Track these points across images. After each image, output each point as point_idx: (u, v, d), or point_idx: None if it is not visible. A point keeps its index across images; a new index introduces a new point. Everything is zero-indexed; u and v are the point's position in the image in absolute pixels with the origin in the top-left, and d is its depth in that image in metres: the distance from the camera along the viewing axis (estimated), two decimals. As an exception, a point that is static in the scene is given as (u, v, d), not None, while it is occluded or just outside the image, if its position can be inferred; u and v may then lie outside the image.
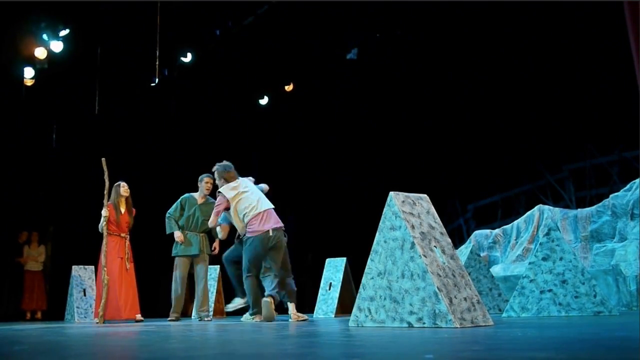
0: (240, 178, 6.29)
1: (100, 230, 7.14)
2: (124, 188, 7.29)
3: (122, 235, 7.22)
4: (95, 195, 10.15)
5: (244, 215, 5.99)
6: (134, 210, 7.42)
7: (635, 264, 7.20)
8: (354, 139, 13.39)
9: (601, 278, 7.48)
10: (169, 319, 7.13)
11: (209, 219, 6.51)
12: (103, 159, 7.05)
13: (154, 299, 10.25)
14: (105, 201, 7.07)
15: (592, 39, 9.98)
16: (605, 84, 10.07)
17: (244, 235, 6.06)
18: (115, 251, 7.11)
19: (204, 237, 7.20)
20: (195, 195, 7.25)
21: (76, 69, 10.33)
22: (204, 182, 7.19)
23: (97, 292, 7.20)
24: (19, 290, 10.28)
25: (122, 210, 7.26)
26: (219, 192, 6.20)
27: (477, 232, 10.34)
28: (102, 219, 7.08)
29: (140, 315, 7.09)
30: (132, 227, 7.36)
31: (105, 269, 6.97)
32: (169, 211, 7.23)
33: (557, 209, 9.22)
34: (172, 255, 7.18)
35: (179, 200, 7.26)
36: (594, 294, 5.19)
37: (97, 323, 6.67)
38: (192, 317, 8.27)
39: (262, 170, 13.20)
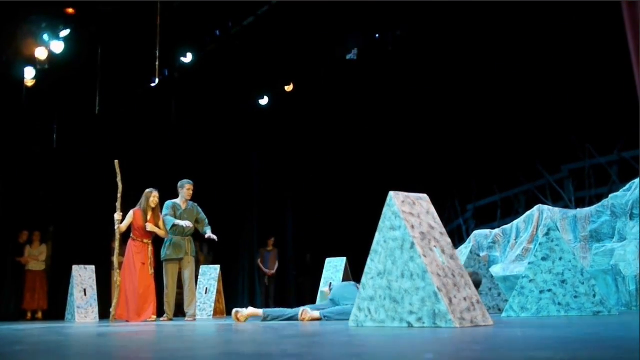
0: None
1: (117, 232, 7.23)
2: (153, 198, 7.36)
3: (145, 241, 7.31)
4: (95, 195, 10.20)
5: None
6: (160, 215, 7.50)
7: (634, 264, 7.20)
8: (354, 139, 13.39)
9: (600, 278, 7.48)
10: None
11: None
12: (116, 162, 7.04)
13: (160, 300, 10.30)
14: (118, 204, 7.10)
15: (591, 39, 9.98)
16: (605, 84, 10.07)
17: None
18: (136, 256, 7.20)
19: (189, 241, 7.40)
20: (178, 201, 7.41)
21: (77, 69, 10.32)
22: (186, 188, 7.40)
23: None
24: (20, 290, 10.29)
25: (149, 217, 7.32)
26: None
27: (476, 232, 10.33)
28: (115, 222, 7.13)
29: (155, 316, 7.20)
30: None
31: (118, 271, 7.06)
32: (164, 213, 7.35)
33: (556, 209, 9.21)
34: (162, 259, 7.41)
35: (168, 204, 7.37)
36: (593, 293, 5.19)
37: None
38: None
39: (262, 170, 13.24)
